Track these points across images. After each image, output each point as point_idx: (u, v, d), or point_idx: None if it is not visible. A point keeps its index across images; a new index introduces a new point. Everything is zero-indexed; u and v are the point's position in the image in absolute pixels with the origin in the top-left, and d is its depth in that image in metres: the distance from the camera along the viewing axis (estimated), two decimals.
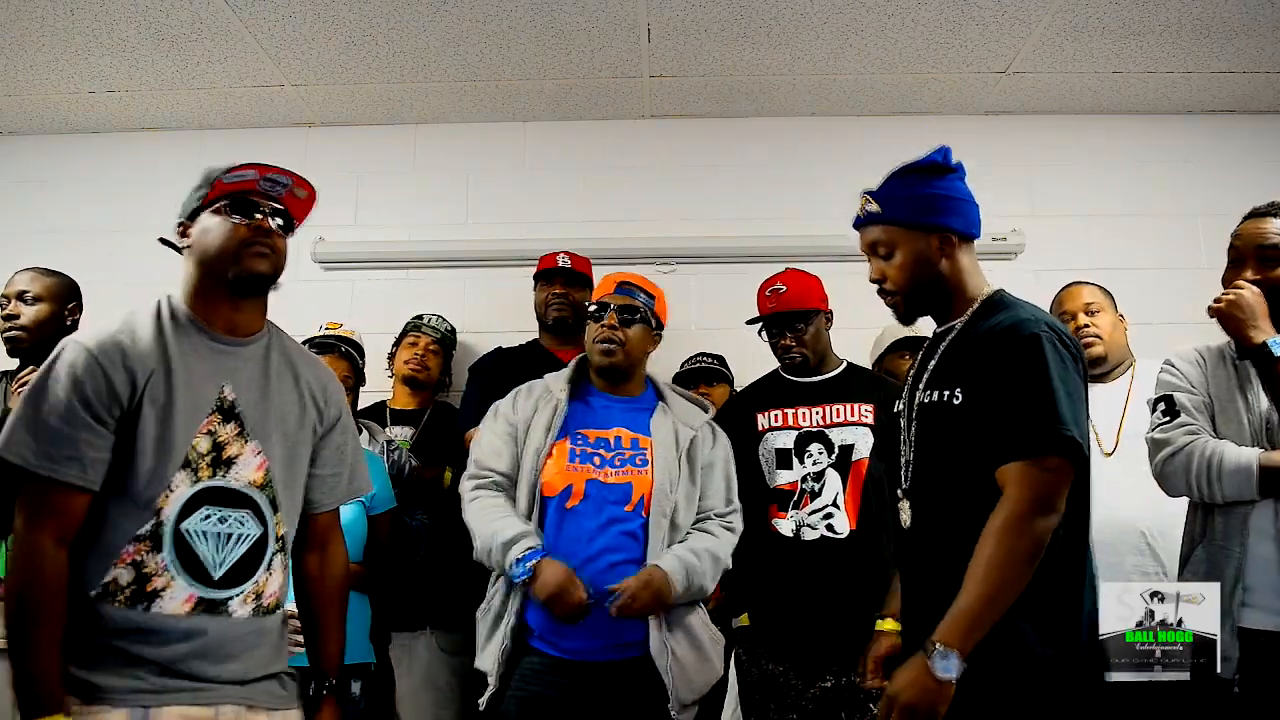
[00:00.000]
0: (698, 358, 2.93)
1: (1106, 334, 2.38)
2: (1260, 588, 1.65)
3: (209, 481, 1.41)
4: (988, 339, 1.46)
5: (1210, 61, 3.05)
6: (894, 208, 1.57)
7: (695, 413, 2.17)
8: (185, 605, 1.37)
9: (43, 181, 3.41)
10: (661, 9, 2.76)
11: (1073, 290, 2.48)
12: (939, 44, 2.94)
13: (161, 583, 1.36)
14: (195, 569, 1.39)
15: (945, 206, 1.55)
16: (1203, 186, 3.30)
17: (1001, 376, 1.40)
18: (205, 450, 1.42)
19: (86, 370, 1.35)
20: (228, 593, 1.42)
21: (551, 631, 1.90)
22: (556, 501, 1.97)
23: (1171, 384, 1.86)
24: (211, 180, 1.50)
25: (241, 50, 2.93)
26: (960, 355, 1.51)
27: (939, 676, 1.28)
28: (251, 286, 1.50)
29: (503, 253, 3.25)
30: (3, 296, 2.32)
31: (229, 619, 1.41)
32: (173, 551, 1.37)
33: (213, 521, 1.41)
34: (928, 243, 1.54)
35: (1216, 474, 1.69)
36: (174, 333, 1.45)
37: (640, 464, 2.01)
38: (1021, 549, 1.32)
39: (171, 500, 1.38)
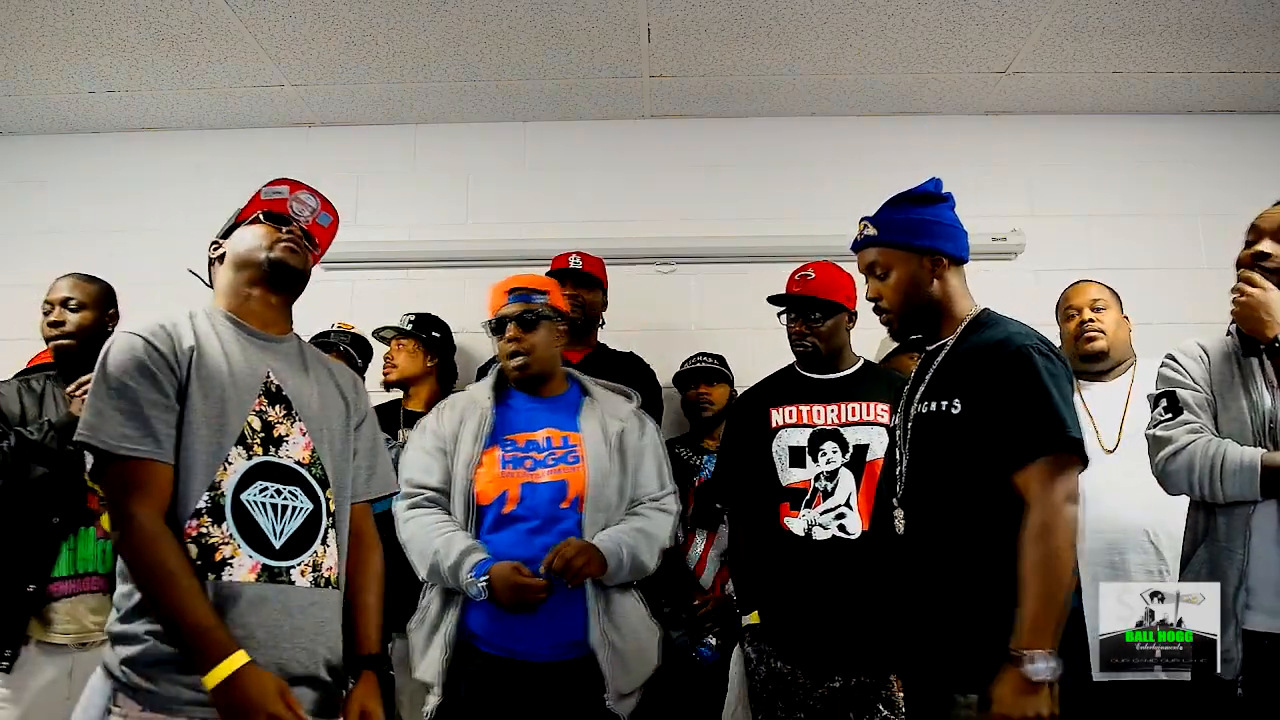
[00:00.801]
0: (698, 358, 2.93)
1: (1110, 330, 2.38)
2: (1263, 589, 1.65)
3: (263, 457, 1.48)
4: (981, 352, 1.58)
5: (1210, 61, 3.05)
6: (890, 231, 1.69)
7: (621, 403, 2.20)
8: (251, 574, 1.43)
9: (43, 181, 3.41)
10: (661, 9, 2.76)
11: (1080, 287, 2.49)
12: (939, 44, 2.94)
13: (229, 551, 1.42)
14: (256, 539, 1.45)
15: (937, 231, 1.69)
16: (1203, 186, 3.30)
17: (999, 387, 1.52)
18: (258, 428, 1.49)
19: (143, 352, 1.42)
20: (289, 562, 1.47)
21: (496, 635, 1.92)
22: (492, 509, 1.99)
23: (1174, 379, 1.85)
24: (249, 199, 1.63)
25: (241, 50, 2.93)
26: (955, 368, 1.62)
27: (1037, 679, 1.35)
28: (283, 277, 1.58)
29: (503, 253, 3.25)
30: (46, 303, 2.34)
31: (292, 587, 1.47)
32: (234, 522, 1.43)
33: (269, 494, 1.48)
34: (920, 264, 1.67)
35: (1219, 474, 1.68)
36: (213, 326, 1.54)
37: (572, 461, 2.03)
38: (1062, 541, 1.43)
39: (230, 473, 1.44)
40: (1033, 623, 1.39)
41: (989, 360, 1.55)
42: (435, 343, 2.93)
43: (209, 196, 3.35)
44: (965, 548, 1.53)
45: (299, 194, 1.65)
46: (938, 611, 1.56)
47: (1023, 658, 1.37)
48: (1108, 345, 2.36)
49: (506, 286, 2.20)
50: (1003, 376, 1.52)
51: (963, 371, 1.59)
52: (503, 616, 1.91)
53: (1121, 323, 2.43)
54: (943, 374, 1.64)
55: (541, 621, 1.91)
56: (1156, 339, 2.48)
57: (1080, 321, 2.40)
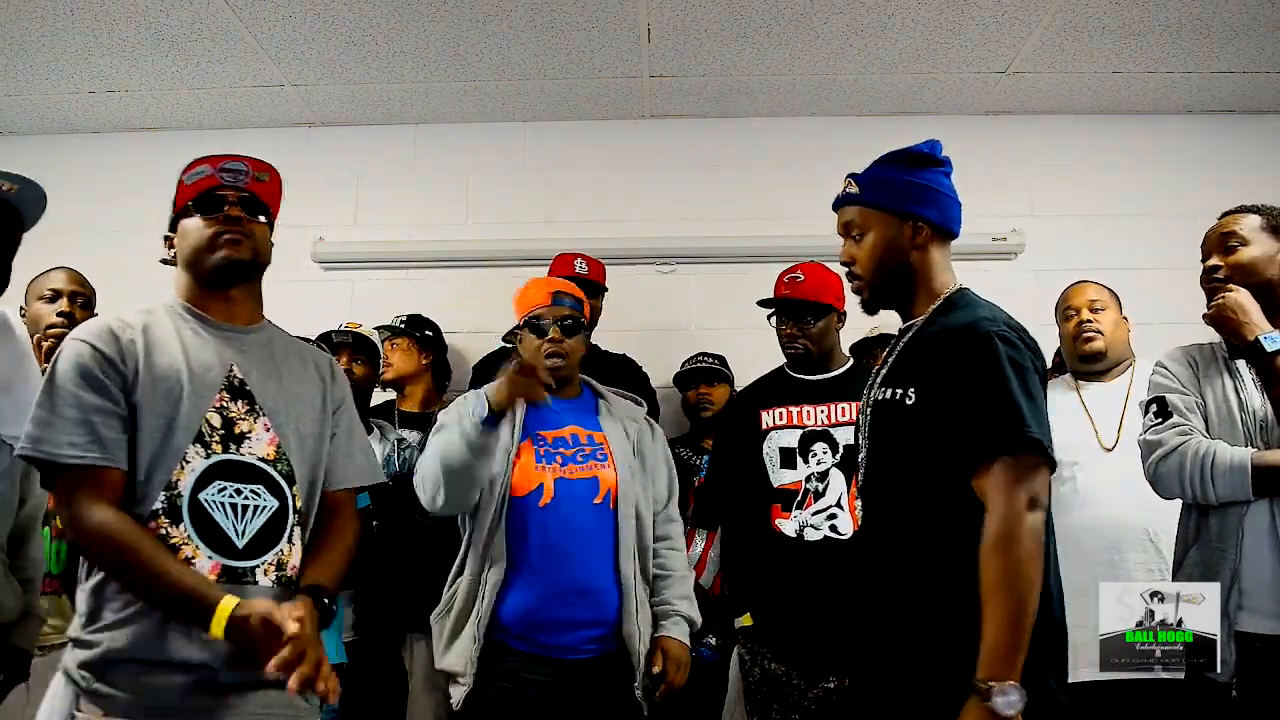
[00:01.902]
0: (698, 358, 2.93)
1: (1108, 331, 2.38)
2: (1256, 590, 1.64)
3: (222, 455, 1.44)
4: (941, 338, 1.44)
5: (1210, 61, 3.05)
6: (872, 191, 1.57)
7: (634, 409, 2.24)
8: (211, 574, 1.39)
9: (43, 181, 3.40)
10: (661, 9, 2.76)
11: (1079, 287, 2.50)
12: (939, 44, 2.94)
13: (189, 552, 1.38)
14: (216, 539, 1.41)
15: (923, 196, 1.55)
16: (1203, 186, 3.30)
17: (954, 378, 1.37)
18: (218, 425, 1.45)
19: (90, 359, 1.39)
20: (251, 562, 1.44)
21: (529, 629, 1.94)
22: (528, 501, 2.00)
23: (1163, 385, 1.86)
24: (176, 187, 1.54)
25: (241, 50, 2.93)
26: (915, 354, 1.48)
27: (1004, 713, 1.21)
28: (230, 274, 1.53)
29: (503, 253, 3.25)
30: (51, 290, 2.29)
31: (255, 587, 1.43)
32: (191, 523, 1.40)
33: (228, 493, 1.44)
34: (900, 230, 1.53)
35: (1210, 474, 1.68)
36: (174, 321, 1.49)
37: (601, 459, 2.06)
38: (1024, 553, 1.28)
39: (187, 473, 1.41)
40: (996, 651, 1.25)
41: (949, 345, 1.40)
42: (429, 341, 2.93)
43: None
44: (918, 553, 1.40)
45: (224, 164, 1.56)
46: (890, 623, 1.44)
47: (989, 690, 1.22)
48: (1105, 346, 2.37)
49: (549, 287, 2.17)
50: (961, 365, 1.37)
51: (922, 357, 1.45)
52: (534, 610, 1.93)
53: (1120, 323, 2.43)
54: (904, 359, 1.50)
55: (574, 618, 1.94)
56: (1156, 339, 2.48)
57: (1079, 322, 2.40)
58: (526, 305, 2.15)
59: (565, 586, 1.94)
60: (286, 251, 3.32)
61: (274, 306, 1.62)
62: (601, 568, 1.98)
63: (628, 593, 1.98)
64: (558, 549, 1.96)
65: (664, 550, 2.15)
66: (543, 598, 1.94)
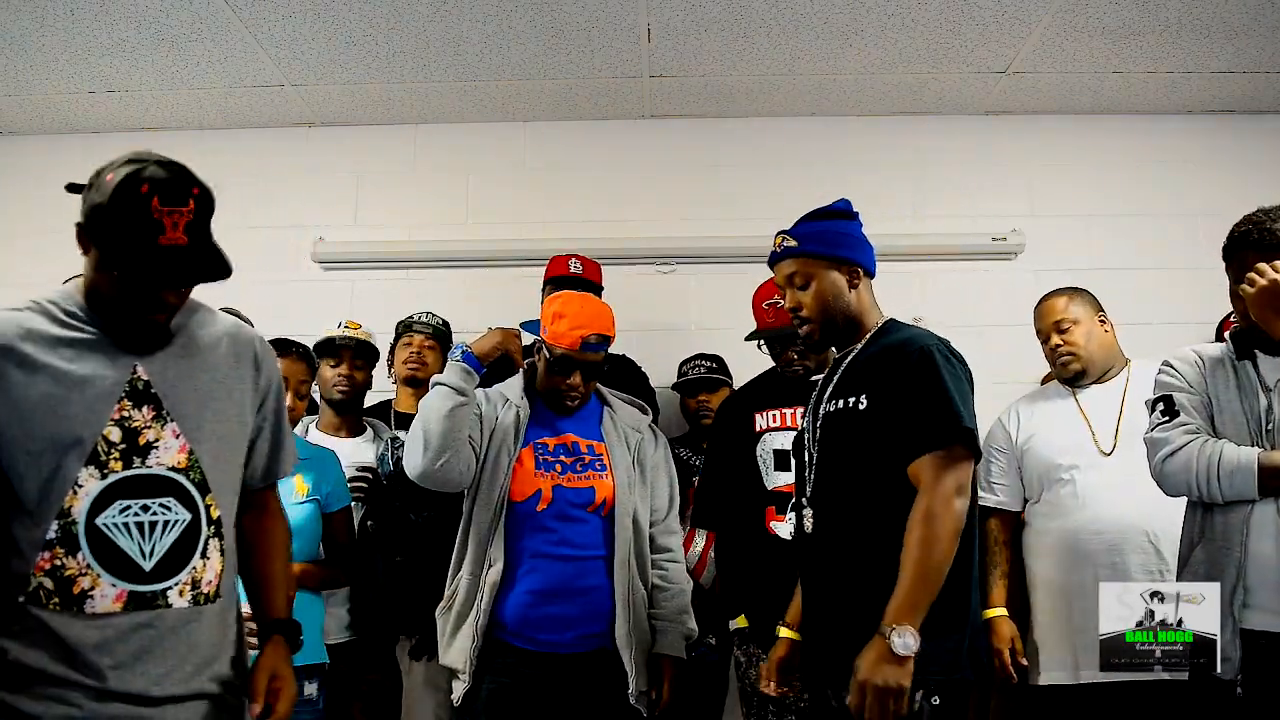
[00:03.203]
0: (696, 361, 2.93)
1: (1081, 347, 2.36)
2: (1261, 588, 1.64)
3: (122, 473, 1.32)
4: (885, 353, 1.66)
5: (1210, 61, 3.05)
6: (810, 243, 1.75)
7: (638, 416, 2.26)
8: (116, 603, 1.29)
9: (43, 181, 3.41)
10: (661, 9, 2.76)
11: (1042, 308, 2.46)
12: (939, 44, 2.94)
13: (88, 582, 1.28)
14: (120, 564, 1.30)
15: (854, 244, 1.77)
16: (1203, 186, 3.30)
17: (901, 383, 1.58)
18: (117, 440, 1.32)
19: None
20: (163, 585, 1.33)
21: (525, 626, 1.98)
22: (525, 507, 2.03)
23: (1170, 384, 1.86)
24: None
25: (241, 50, 2.93)
26: (861, 369, 1.69)
27: (899, 653, 1.41)
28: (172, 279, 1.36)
29: (503, 253, 3.25)
30: None
31: (169, 610, 1.33)
32: (89, 550, 1.29)
33: (132, 513, 1.32)
34: (839, 274, 1.74)
35: (1216, 473, 1.68)
36: (62, 321, 1.34)
37: (599, 468, 2.10)
38: (943, 529, 1.48)
39: (81, 497, 1.29)
40: (904, 600, 1.45)
41: (893, 359, 1.62)
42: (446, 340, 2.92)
43: None
44: (872, 545, 1.56)
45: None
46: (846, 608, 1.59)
47: (890, 631, 1.43)
48: (1084, 364, 2.35)
49: (582, 331, 2.05)
50: (905, 373, 1.58)
51: (869, 370, 1.66)
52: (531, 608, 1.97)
53: (1095, 330, 2.38)
54: (850, 374, 1.70)
55: (569, 616, 1.99)
56: (1156, 339, 2.48)
57: (1051, 347, 2.40)
58: (555, 338, 2.07)
59: (559, 586, 1.99)
60: (286, 251, 3.37)
61: (274, 306, 1.61)
62: (594, 568, 2.03)
63: (620, 599, 2.02)
64: (553, 552, 2.01)
65: (664, 563, 2.17)
66: (538, 596, 1.98)
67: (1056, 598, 2.25)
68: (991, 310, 3.19)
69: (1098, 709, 2.11)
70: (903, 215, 3.29)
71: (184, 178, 1.33)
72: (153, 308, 1.34)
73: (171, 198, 1.29)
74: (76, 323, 1.34)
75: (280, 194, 3.33)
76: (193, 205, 1.31)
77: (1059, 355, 2.39)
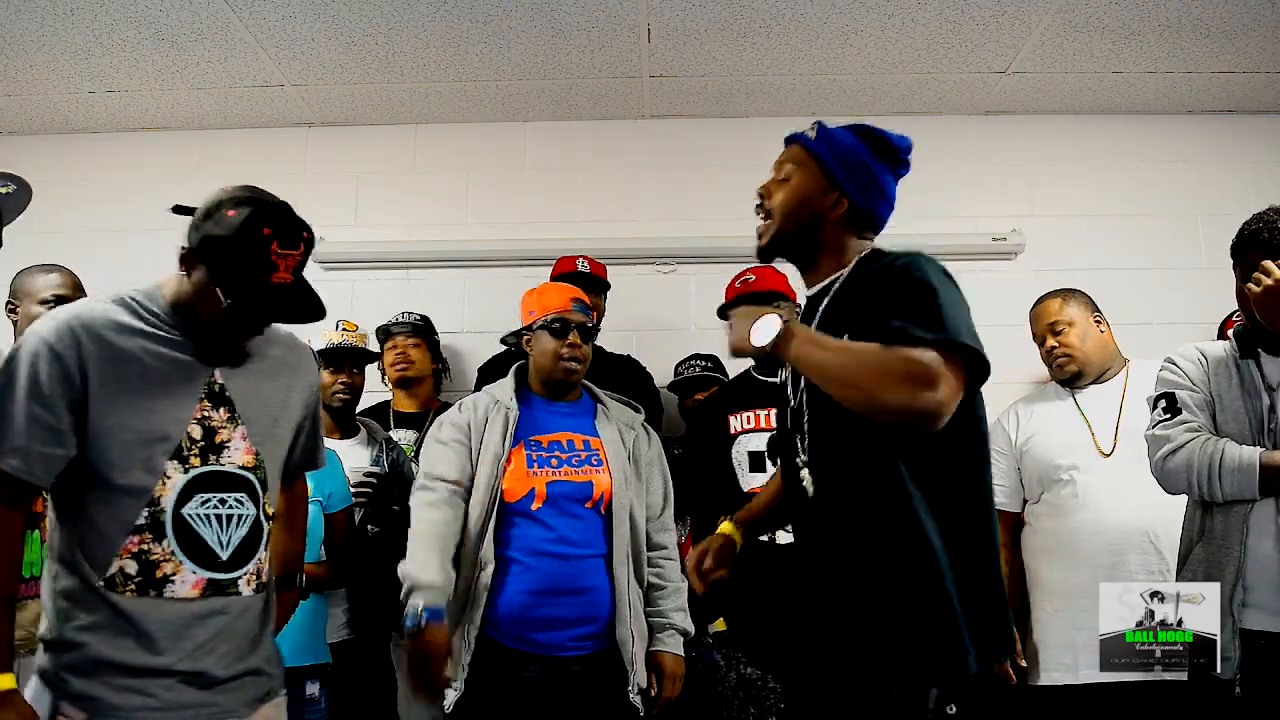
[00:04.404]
0: (692, 361, 2.93)
1: (1076, 349, 2.37)
2: (1260, 587, 1.65)
3: (201, 468, 1.43)
4: (868, 281, 1.42)
5: (1210, 61, 3.05)
6: (825, 146, 1.53)
7: (631, 414, 2.26)
8: (195, 589, 1.40)
9: (43, 181, 3.39)
10: (661, 9, 2.76)
11: (1036, 311, 2.49)
12: (939, 44, 2.94)
13: (170, 568, 1.39)
14: (201, 553, 1.41)
15: (862, 180, 1.51)
16: (1203, 186, 3.30)
17: (884, 297, 1.34)
18: (198, 437, 1.43)
19: (46, 363, 1.34)
20: (235, 574, 1.45)
21: (521, 627, 1.95)
22: (519, 506, 2.01)
23: (1172, 381, 1.86)
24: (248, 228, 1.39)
25: (241, 50, 2.93)
26: (841, 307, 1.45)
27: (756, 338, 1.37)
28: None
29: (503, 253, 3.25)
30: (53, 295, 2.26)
31: (238, 597, 1.45)
32: (175, 538, 1.39)
33: (212, 505, 1.43)
34: (824, 193, 1.50)
35: (1217, 472, 1.69)
36: (149, 321, 1.44)
37: (596, 464, 2.08)
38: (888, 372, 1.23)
39: (169, 488, 1.39)
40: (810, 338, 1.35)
41: (877, 281, 1.39)
42: (436, 345, 2.93)
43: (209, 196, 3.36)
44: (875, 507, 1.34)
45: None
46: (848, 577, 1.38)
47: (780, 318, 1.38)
48: (1079, 366, 2.37)
49: (569, 294, 2.19)
50: (889, 286, 1.35)
51: (850, 307, 1.42)
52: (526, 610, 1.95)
53: (1089, 331, 2.40)
54: (831, 314, 1.46)
55: (566, 616, 1.96)
56: (1156, 339, 2.48)
57: (1048, 349, 2.42)
58: (544, 308, 2.15)
59: (557, 585, 1.97)
60: None
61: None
62: (592, 567, 2.01)
63: (620, 596, 2.00)
64: (550, 550, 1.99)
65: (660, 560, 2.16)
66: (535, 596, 1.96)
67: (1056, 598, 2.25)
68: (991, 310, 3.15)
69: (1098, 709, 2.12)
70: (903, 215, 3.25)
71: (298, 223, 1.45)
72: (247, 334, 1.49)
73: (288, 241, 1.41)
74: (162, 325, 1.44)
75: (280, 194, 3.30)
76: (302, 249, 1.43)
77: (1055, 357, 2.39)
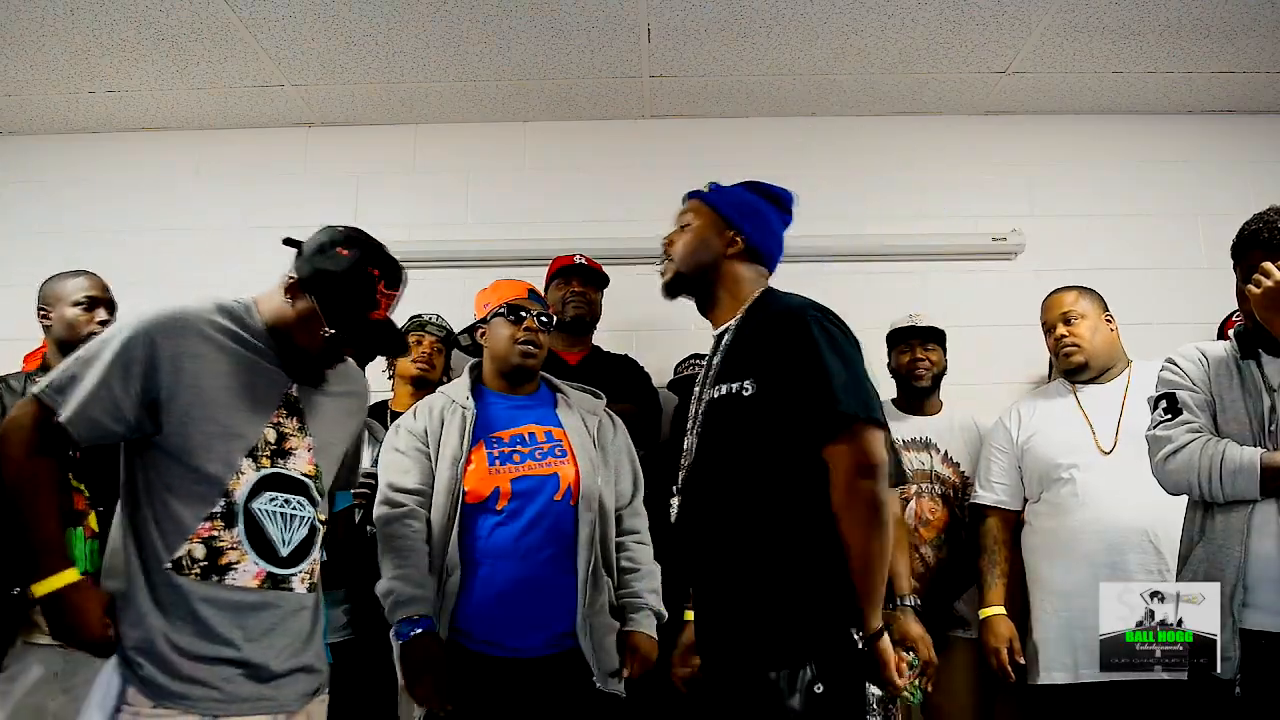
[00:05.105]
0: (691, 362, 2.93)
1: (1086, 340, 2.37)
2: (1261, 587, 1.65)
3: (269, 469, 1.53)
4: (762, 331, 1.57)
5: (1210, 61, 3.05)
6: (720, 197, 1.74)
7: (592, 401, 2.24)
8: (255, 580, 1.49)
9: (43, 181, 3.41)
10: (661, 9, 2.76)
11: (1052, 300, 2.48)
12: (939, 44, 2.94)
13: (235, 556, 1.47)
14: (264, 547, 1.50)
15: (756, 222, 1.71)
16: (1203, 186, 3.30)
17: (782, 365, 1.50)
18: (271, 440, 1.54)
19: (141, 345, 1.45)
20: (291, 570, 1.54)
21: (491, 631, 1.92)
22: (486, 505, 1.98)
23: (1173, 382, 1.85)
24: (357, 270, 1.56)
25: (241, 50, 2.93)
26: (742, 348, 1.60)
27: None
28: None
29: (503, 253, 3.25)
30: (86, 298, 2.27)
31: (291, 594, 1.54)
32: (244, 530, 1.48)
33: (278, 503, 1.53)
34: (721, 234, 1.69)
35: (1218, 473, 1.69)
36: (247, 329, 1.56)
37: (560, 454, 2.05)
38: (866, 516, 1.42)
39: (242, 483, 1.49)
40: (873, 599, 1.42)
41: (771, 334, 1.55)
42: (450, 356, 2.93)
43: (209, 196, 3.36)
44: (740, 532, 1.50)
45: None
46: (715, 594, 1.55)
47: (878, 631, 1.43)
48: (1086, 357, 2.37)
49: (524, 285, 2.24)
50: (783, 350, 1.50)
51: (750, 350, 1.57)
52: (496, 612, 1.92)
53: (1100, 327, 2.40)
54: (731, 355, 1.62)
55: (536, 616, 1.93)
56: (1156, 339, 2.48)
57: (1056, 337, 2.41)
58: (500, 297, 2.17)
59: (526, 586, 1.93)
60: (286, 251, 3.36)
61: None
62: (563, 565, 1.97)
63: (581, 589, 1.96)
64: (518, 550, 1.95)
65: (631, 544, 2.13)
66: (503, 598, 1.92)
67: (1056, 597, 2.25)
68: (991, 310, 3.19)
69: (1098, 709, 2.12)
70: (903, 215, 3.29)
71: (398, 267, 1.61)
72: (336, 361, 1.63)
73: (392, 283, 1.59)
74: (253, 336, 1.56)
75: (280, 194, 3.33)
76: (399, 291, 1.60)
77: (1063, 346, 2.39)
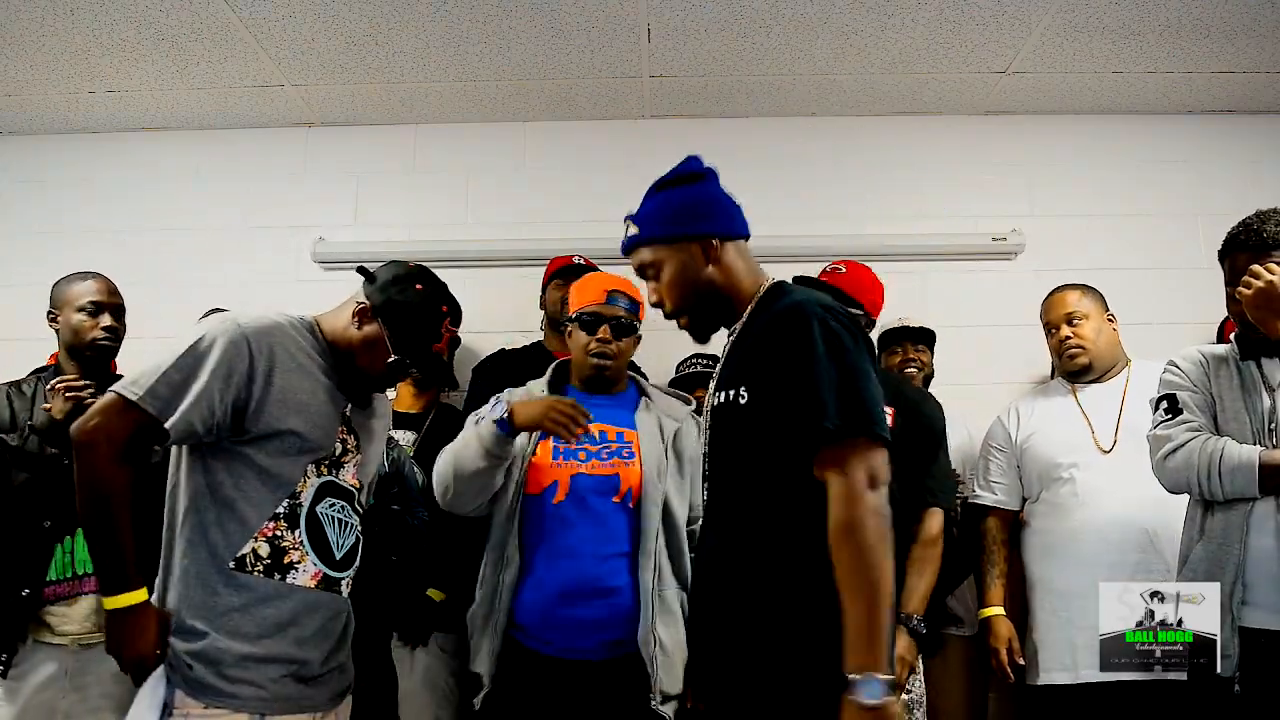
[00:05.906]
0: (692, 361, 2.93)
1: (1090, 341, 2.37)
2: (1260, 585, 1.65)
3: (327, 477, 1.61)
4: (761, 332, 1.42)
5: (1210, 61, 3.05)
6: (651, 226, 1.54)
7: (678, 406, 2.19)
8: (312, 580, 1.56)
9: (43, 181, 3.41)
10: (661, 9, 2.76)
11: (1055, 299, 2.48)
12: (939, 44, 2.94)
13: (297, 556, 1.54)
14: (323, 549, 1.58)
15: (702, 211, 1.53)
16: (1203, 186, 3.30)
17: (775, 370, 1.36)
18: (336, 452, 1.63)
19: (239, 353, 1.50)
20: (342, 574, 1.62)
21: (545, 629, 1.89)
22: (541, 498, 1.96)
23: (1174, 383, 1.87)
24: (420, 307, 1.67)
25: (241, 50, 2.93)
26: (741, 353, 1.46)
27: (868, 704, 1.18)
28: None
29: (503, 253, 3.25)
30: (92, 303, 2.25)
31: (339, 597, 1.61)
32: (306, 531, 1.55)
33: (336, 508, 1.62)
34: (691, 253, 1.50)
35: (1218, 471, 1.69)
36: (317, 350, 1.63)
37: (627, 456, 2.00)
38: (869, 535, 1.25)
39: (308, 486, 1.57)
40: (856, 637, 1.21)
41: (768, 338, 1.39)
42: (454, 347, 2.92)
43: (209, 196, 3.36)
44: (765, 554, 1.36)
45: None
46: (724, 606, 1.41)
47: (854, 684, 1.19)
48: (1090, 359, 2.37)
49: (605, 284, 2.13)
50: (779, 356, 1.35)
51: (747, 356, 1.43)
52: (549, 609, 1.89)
53: (1103, 327, 2.41)
54: (732, 360, 1.48)
55: (590, 618, 1.88)
56: (1156, 339, 2.49)
57: (1060, 339, 2.41)
58: (580, 300, 2.13)
59: (578, 586, 1.88)
60: (286, 251, 3.37)
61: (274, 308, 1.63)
62: (617, 567, 1.91)
63: (645, 597, 1.89)
64: (571, 548, 1.91)
65: None
66: (557, 597, 1.89)
67: (1056, 597, 2.25)
68: (991, 310, 3.19)
69: (1098, 709, 2.12)
70: (903, 215, 3.29)
71: (460, 309, 1.73)
72: (391, 384, 1.75)
73: (455, 321, 1.71)
74: (318, 355, 1.64)
75: (280, 194, 3.32)
76: (457, 330, 1.72)
77: (1067, 347, 2.39)
